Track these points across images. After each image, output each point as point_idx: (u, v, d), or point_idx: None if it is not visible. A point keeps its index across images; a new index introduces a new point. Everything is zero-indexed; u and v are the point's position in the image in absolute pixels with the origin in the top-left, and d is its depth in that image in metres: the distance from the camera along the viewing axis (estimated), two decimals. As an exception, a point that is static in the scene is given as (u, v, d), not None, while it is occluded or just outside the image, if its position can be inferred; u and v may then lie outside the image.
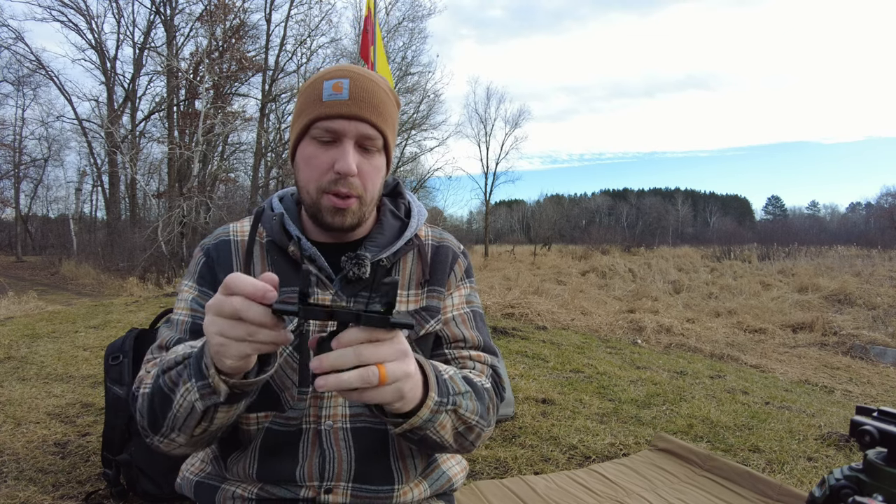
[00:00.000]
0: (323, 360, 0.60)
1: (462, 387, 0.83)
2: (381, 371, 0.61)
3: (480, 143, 32.01)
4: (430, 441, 0.79)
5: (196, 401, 0.71)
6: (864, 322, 7.61)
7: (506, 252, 29.48)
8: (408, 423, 0.73)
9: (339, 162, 0.84)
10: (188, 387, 0.71)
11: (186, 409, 0.73)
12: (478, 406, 0.85)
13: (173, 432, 0.76)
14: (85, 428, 2.62)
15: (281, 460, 0.88)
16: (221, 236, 0.97)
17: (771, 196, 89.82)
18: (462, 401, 0.81)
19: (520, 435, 2.66)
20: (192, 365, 0.71)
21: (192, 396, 0.71)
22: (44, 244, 25.51)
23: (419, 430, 0.75)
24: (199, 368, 0.69)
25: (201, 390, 0.70)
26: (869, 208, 66.71)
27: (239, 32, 18.30)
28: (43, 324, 5.78)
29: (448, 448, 0.84)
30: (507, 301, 8.28)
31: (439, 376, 0.78)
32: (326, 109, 0.85)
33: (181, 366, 0.74)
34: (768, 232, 31.88)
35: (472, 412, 0.84)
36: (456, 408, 0.80)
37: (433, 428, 0.77)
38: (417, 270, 0.97)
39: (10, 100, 23.87)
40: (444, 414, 0.78)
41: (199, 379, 0.69)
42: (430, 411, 0.74)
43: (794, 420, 3.07)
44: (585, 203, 73.60)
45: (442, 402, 0.76)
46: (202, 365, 0.69)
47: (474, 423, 0.85)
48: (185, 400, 0.72)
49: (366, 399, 0.63)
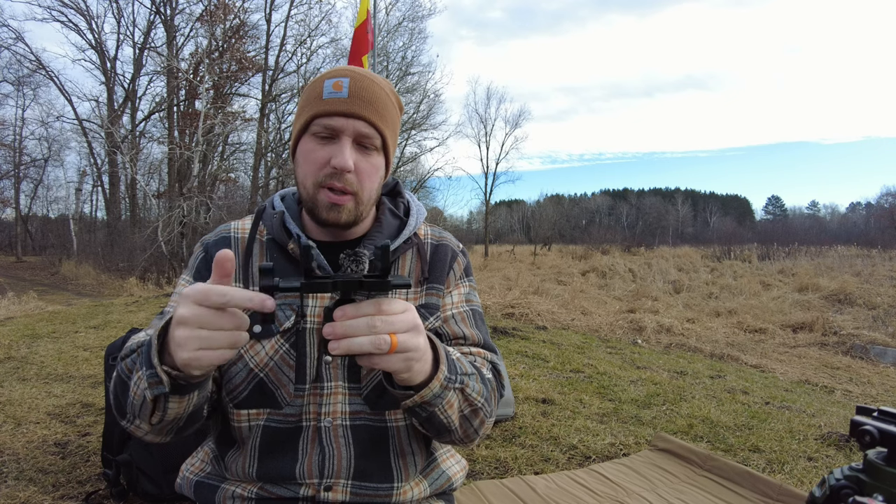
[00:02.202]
0: (336, 327, 0.62)
1: (469, 368, 0.85)
2: (392, 339, 0.64)
3: (480, 143, 32.06)
4: (436, 420, 0.80)
5: (145, 389, 0.70)
6: (865, 322, 7.60)
7: (506, 252, 29.47)
8: (418, 394, 0.75)
9: (336, 157, 0.86)
10: (139, 375, 0.71)
11: (140, 398, 0.72)
12: (483, 389, 0.87)
13: (136, 419, 0.76)
14: (85, 428, 2.62)
15: (280, 458, 0.88)
16: (223, 233, 0.98)
17: (771, 196, 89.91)
18: (469, 381, 0.83)
19: (520, 435, 2.65)
20: (143, 353, 0.71)
21: (142, 385, 0.71)
22: (44, 244, 25.50)
23: (428, 405, 0.77)
24: (149, 356, 0.69)
25: (149, 379, 0.69)
26: (869, 208, 66.73)
27: (239, 32, 18.30)
28: (43, 324, 5.78)
29: (454, 432, 0.85)
30: (508, 301, 8.27)
31: (449, 355, 0.80)
32: (325, 107, 0.86)
33: (135, 353, 0.75)
34: (768, 232, 31.89)
35: (479, 394, 0.85)
36: (463, 387, 0.81)
37: (441, 405, 0.78)
38: (416, 268, 0.98)
39: (10, 100, 23.93)
40: (453, 392, 0.79)
41: (147, 367, 0.69)
42: (441, 386, 0.76)
43: (794, 420, 3.07)
44: (585, 203, 73.64)
45: (451, 379, 0.78)
46: (150, 353, 0.68)
47: (479, 406, 0.85)
48: (139, 388, 0.72)
49: (375, 364, 0.65)
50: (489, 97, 41.64)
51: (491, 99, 44.76)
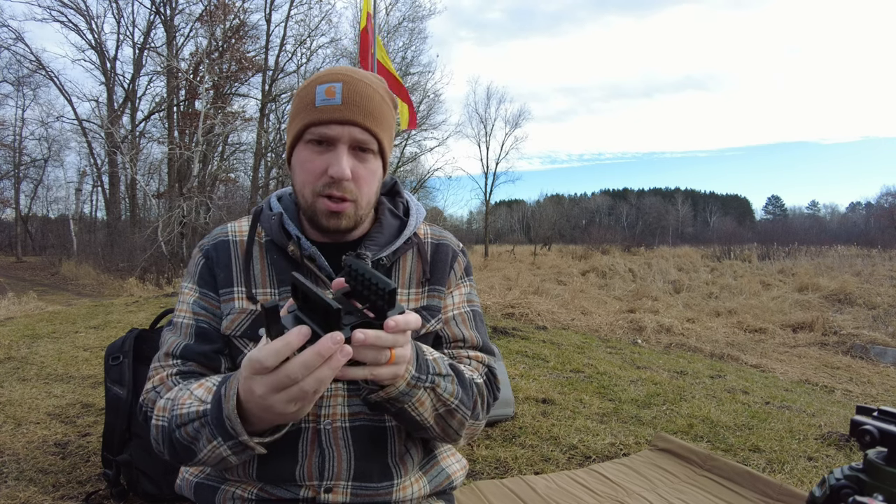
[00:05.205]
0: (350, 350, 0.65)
1: (444, 369, 0.84)
2: (391, 353, 0.67)
3: (480, 143, 32.03)
4: (408, 416, 0.81)
5: (229, 455, 0.74)
6: (865, 322, 7.60)
7: (506, 252, 29.46)
8: (384, 391, 0.76)
9: (333, 167, 0.85)
10: (214, 444, 0.74)
11: (217, 458, 0.76)
12: (458, 390, 0.86)
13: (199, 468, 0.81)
14: (85, 428, 2.62)
15: (280, 460, 0.88)
16: (220, 236, 0.97)
17: (771, 196, 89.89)
18: (441, 381, 0.82)
19: (520, 435, 2.65)
20: (213, 425, 0.73)
21: (222, 452, 0.74)
22: (44, 244, 25.49)
23: (396, 401, 0.78)
24: (225, 430, 0.71)
25: (233, 448, 0.73)
26: (869, 208, 66.72)
27: (239, 32, 18.30)
28: (43, 324, 5.78)
29: (431, 430, 0.85)
30: (508, 301, 8.27)
31: (420, 355, 0.80)
32: (319, 115, 0.85)
33: (197, 422, 0.76)
34: (768, 232, 31.86)
35: (452, 395, 0.84)
36: (434, 386, 0.81)
37: (411, 402, 0.79)
38: (417, 269, 0.98)
39: (10, 100, 23.90)
40: (423, 391, 0.79)
41: (226, 439, 0.72)
42: (406, 384, 0.77)
43: (794, 420, 3.07)
44: (585, 203, 73.63)
45: (420, 378, 0.78)
46: (227, 428, 0.71)
47: (454, 407, 0.85)
48: (214, 453, 0.75)
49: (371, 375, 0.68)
50: (489, 97, 41.60)
51: (491, 99, 44.68)
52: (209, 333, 0.91)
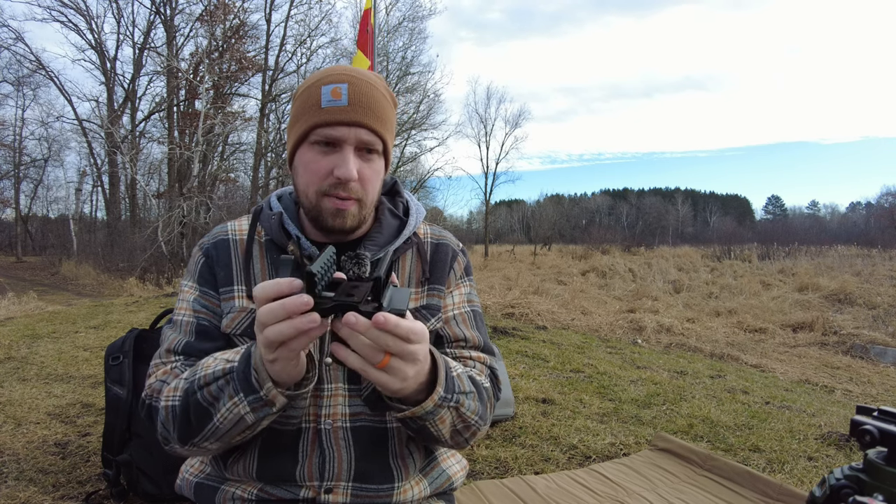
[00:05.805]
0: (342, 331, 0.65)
1: (467, 386, 0.84)
2: (386, 357, 0.66)
3: (480, 143, 32.02)
4: (426, 432, 0.81)
5: (246, 413, 0.75)
6: (865, 322, 7.60)
7: (506, 252, 29.46)
8: (410, 411, 0.75)
9: (340, 168, 0.84)
10: (235, 401, 0.74)
11: (232, 421, 0.76)
12: (478, 407, 0.86)
13: (207, 441, 0.79)
14: (85, 428, 2.62)
15: (281, 460, 0.88)
16: (220, 235, 0.97)
17: (771, 196, 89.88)
18: (465, 400, 0.82)
19: (520, 435, 2.65)
20: (237, 380, 0.74)
21: (240, 410, 0.75)
22: (44, 244, 25.49)
23: (420, 419, 0.77)
24: (249, 383, 0.73)
25: (252, 404, 0.74)
26: (869, 208, 66.72)
27: (239, 32, 18.30)
28: (43, 324, 5.78)
29: (443, 442, 0.86)
30: (508, 301, 8.27)
31: (448, 372, 0.80)
32: (326, 116, 0.84)
33: (221, 380, 0.76)
34: (768, 231, 31.83)
35: (473, 412, 0.85)
36: (458, 405, 0.81)
37: (433, 421, 0.78)
38: (417, 268, 0.98)
39: (10, 100, 23.91)
40: (446, 409, 0.79)
41: (248, 393, 0.73)
42: (434, 404, 0.76)
43: (794, 420, 3.07)
44: (585, 203, 73.64)
45: (446, 398, 0.78)
46: (252, 380, 0.73)
47: (473, 423, 0.86)
48: (232, 413, 0.75)
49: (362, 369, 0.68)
50: (489, 97, 41.53)
51: (491, 99, 44.60)
52: (210, 331, 0.92)
